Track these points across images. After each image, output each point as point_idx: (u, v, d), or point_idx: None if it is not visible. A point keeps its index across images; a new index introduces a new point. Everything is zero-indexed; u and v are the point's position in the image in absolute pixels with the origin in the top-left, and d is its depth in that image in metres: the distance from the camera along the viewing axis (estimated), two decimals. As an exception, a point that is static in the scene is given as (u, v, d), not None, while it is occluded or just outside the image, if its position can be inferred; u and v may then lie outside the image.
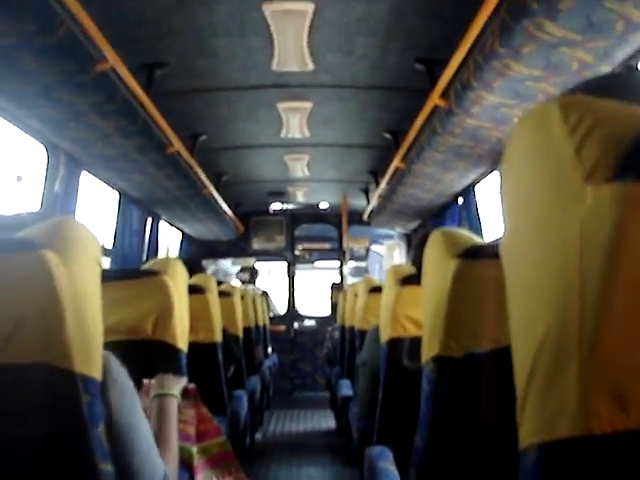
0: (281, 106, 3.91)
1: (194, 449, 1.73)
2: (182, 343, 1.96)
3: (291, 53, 3.13)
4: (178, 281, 1.95)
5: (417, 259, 2.16)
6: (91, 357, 1.08)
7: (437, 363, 1.32)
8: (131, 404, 1.25)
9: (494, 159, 3.51)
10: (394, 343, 2.17)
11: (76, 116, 2.59)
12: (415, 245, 2.41)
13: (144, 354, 1.76)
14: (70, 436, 1.04)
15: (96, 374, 1.10)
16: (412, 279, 2.12)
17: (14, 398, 1.02)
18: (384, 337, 2.21)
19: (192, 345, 2.14)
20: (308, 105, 3.91)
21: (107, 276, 1.52)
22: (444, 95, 2.81)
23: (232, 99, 3.77)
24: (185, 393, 1.74)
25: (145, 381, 1.66)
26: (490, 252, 1.30)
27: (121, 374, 1.24)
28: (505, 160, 0.59)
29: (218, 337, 2.72)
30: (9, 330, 0.99)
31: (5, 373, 1.01)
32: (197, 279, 2.68)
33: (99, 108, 2.53)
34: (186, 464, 1.69)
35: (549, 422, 0.47)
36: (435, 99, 2.86)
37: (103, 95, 2.45)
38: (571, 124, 0.48)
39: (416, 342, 2.10)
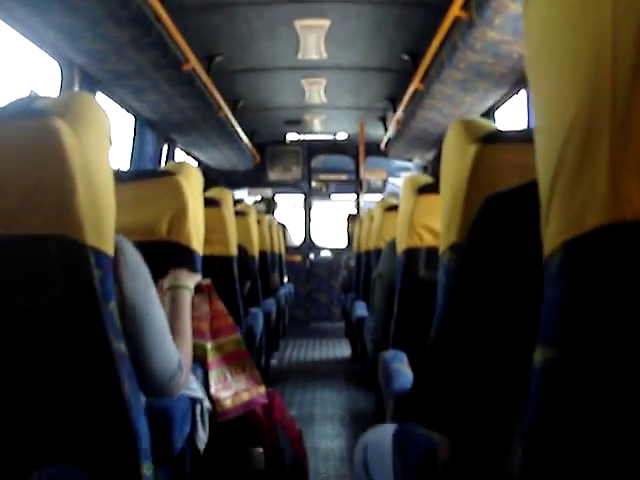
0: (298, 23, 3.81)
1: (208, 346, 1.74)
2: (197, 245, 1.95)
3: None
4: (193, 183, 1.93)
5: (435, 170, 2.12)
6: (103, 232, 1.07)
7: (455, 251, 1.29)
8: (145, 288, 1.24)
9: (514, 80, 3.42)
10: (410, 253, 2.15)
11: (91, 25, 2.53)
12: (433, 158, 2.36)
13: (159, 255, 1.75)
14: (82, 308, 1.04)
15: (108, 249, 1.09)
16: (429, 188, 2.08)
17: (27, 269, 1.02)
18: (400, 247, 2.19)
19: (207, 258, 2.13)
20: (325, 23, 3.81)
21: (121, 177, 1.51)
22: (465, 6, 2.72)
23: (249, 15, 3.68)
24: (199, 288, 1.74)
25: (161, 281, 1.66)
26: (511, 137, 1.26)
27: (135, 258, 1.23)
28: None
29: (233, 251, 2.71)
30: (22, 199, 0.98)
31: (17, 244, 1.00)
32: (213, 192, 2.66)
33: (113, 15, 2.47)
34: (200, 360, 1.71)
35: (576, 216, 0.44)
36: (455, 10, 2.76)
37: (117, 1, 2.39)
38: None
39: (433, 252, 2.08)
